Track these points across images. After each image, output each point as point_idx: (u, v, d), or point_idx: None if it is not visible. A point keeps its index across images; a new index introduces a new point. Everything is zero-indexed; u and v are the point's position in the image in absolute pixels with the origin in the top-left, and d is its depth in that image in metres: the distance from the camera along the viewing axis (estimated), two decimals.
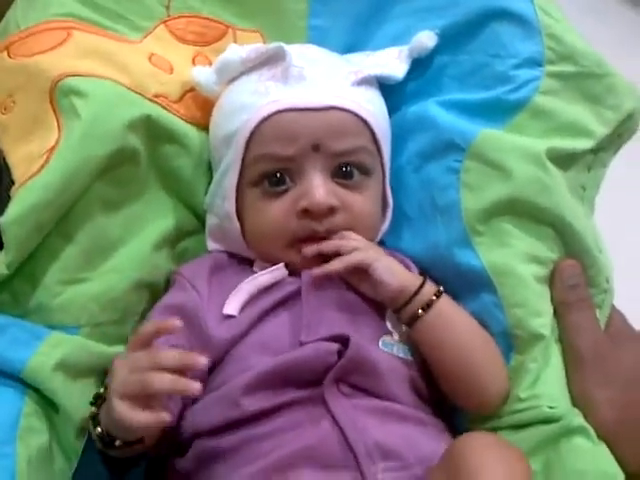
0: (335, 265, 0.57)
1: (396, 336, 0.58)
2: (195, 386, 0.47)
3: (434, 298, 0.57)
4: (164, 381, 0.47)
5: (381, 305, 0.59)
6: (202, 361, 0.48)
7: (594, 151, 0.64)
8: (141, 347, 0.50)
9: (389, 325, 0.59)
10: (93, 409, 0.51)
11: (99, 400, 0.52)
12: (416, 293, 0.57)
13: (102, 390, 0.52)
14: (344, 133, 0.60)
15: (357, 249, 0.58)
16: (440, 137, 0.64)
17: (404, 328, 0.58)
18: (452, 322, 0.58)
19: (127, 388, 0.48)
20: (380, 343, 0.57)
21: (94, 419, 0.51)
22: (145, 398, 0.48)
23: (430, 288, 0.58)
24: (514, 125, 0.63)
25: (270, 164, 0.60)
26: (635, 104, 0.65)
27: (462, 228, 0.61)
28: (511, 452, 0.49)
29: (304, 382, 0.53)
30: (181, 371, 0.48)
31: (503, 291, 0.59)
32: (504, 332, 0.59)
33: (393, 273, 0.58)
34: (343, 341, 0.54)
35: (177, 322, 0.49)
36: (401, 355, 0.57)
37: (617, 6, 1.50)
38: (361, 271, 0.57)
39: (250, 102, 0.60)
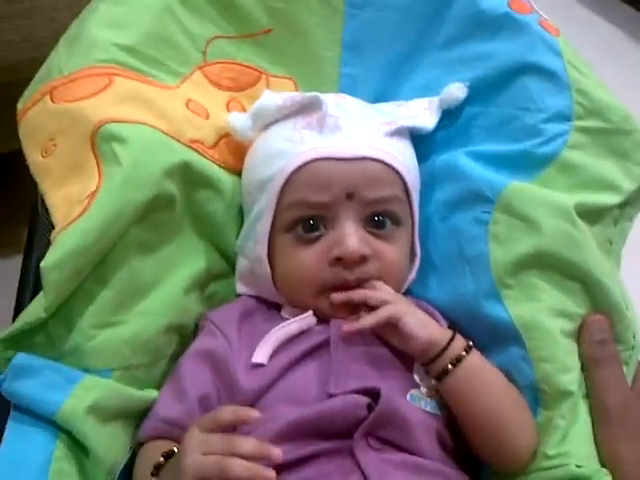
0: (367, 321, 0.57)
1: (424, 390, 0.58)
2: (270, 474, 0.47)
3: (464, 353, 0.57)
4: (242, 468, 0.47)
5: (409, 358, 0.59)
6: (277, 453, 0.48)
7: (621, 206, 0.65)
8: (215, 430, 0.49)
9: (417, 378, 0.59)
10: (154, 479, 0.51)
11: (159, 469, 0.52)
12: (446, 348, 0.57)
13: (162, 460, 0.52)
14: (377, 183, 0.61)
15: (386, 301, 0.58)
16: (468, 187, 0.65)
17: (432, 382, 0.58)
18: (481, 377, 0.58)
19: (204, 471, 0.47)
20: (408, 397, 0.57)
21: None
22: None
23: (460, 342, 0.58)
24: (542, 178, 0.64)
25: (304, 210, 0.60)
26: None
27: (491, 280, 0.61)
28: None
29: (333, 434, 0.53)
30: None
31: (531, 345, 0.59)
32: (531, 386, 0.59)
33: (423, 327, 0.58)
34: (373, 394, 0.54)
35: (256, 414, 0.49)
36: (429, 409, 0.57)
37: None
38: (391, 324, 0.58)
39: (286, 149, 0.61)
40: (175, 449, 0.52)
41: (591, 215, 0.63)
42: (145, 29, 0.66)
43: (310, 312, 0.61)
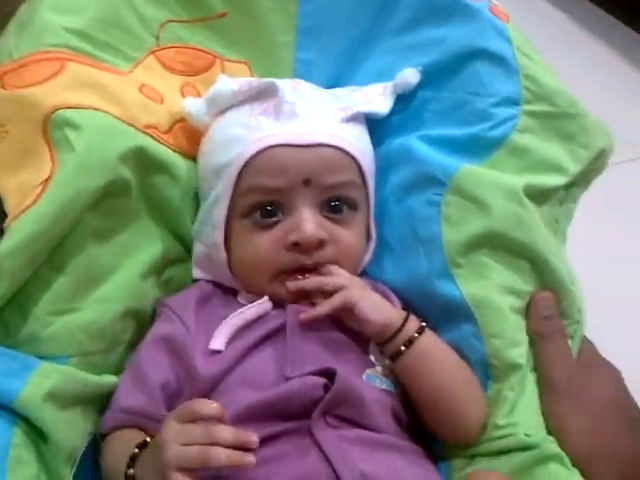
0: (322, 308, 0.59)
1: (379, 369, 0.59)
2: (250, 459, 0.48)
3: (416, 335, 0.59)
4: (224, 456, 0.47)
5: (365, 339, 0.60)
6: (255, 439, 0.49)
7: (567, 187, 0.67)
8: (193, 421, 0.49)
9: (372, 358, 0.60)
10: (131, 471, 0.51)
11: (134, 461, 0.51)
12: (399, 329, 0.59)
13: (136, 451, 0.52)
14: (334, 169, 0.62)
15: (341, 286, 0.60)
16: (422, 171, 0.66)
17: (387, 361, 0.60)
18: (433, 357, 0.59)
19: (187, 461, 0.47)
20: (364, 376, 0.58)
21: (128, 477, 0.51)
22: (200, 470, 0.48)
23: (413, 324, 0.60)
24: (492, 161, 0.65)
25: (262, 196, 0.61)
26: (606, 143, 0.68)
27: (443, 260, 0.63)
28: None
29: (292, 415, 0.54)
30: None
31: (482, 321, 0.61)
32: (482, 361, 0.61)
33: (378, 310, 0.59)
34: (329, 375, 0.56)
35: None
36: (384, 387, 0.59)
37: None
38: (347, 309, 0.59)
39: (242, 135, 0.62)
40: (147, 439, 0.52)
41: (539, 196, 0.65)
42: (96, 13, 0.65)
43: (266, 297, 0.61)
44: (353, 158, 0.63)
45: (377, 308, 0.59)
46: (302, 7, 0.72)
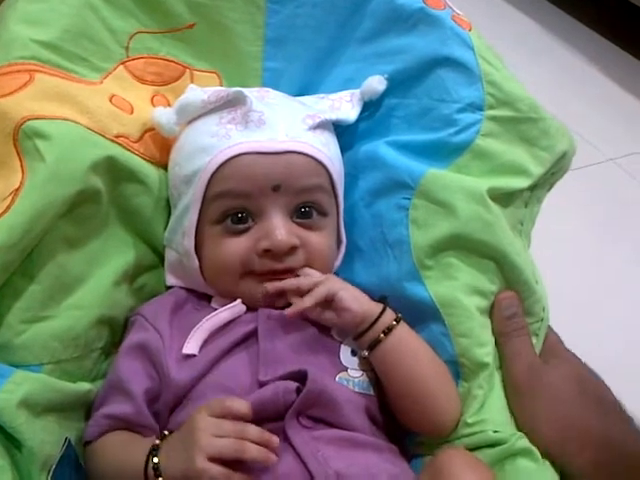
0: (306, 301, 0.60)
1: (351, 372, 0.61)
2: (274, 457, 0.52)
3: (394, 323, 0.60)
4: (256, 450, 0.51)
5: (335, 342, 0.62)
6: (276, 439, 0.53)
7: (531, 189, 0.69)
8: (226, 417, 0.52)
9: (344, 362, 0.61)
10: (155, 459, 0.52)
11: (157, 450, 0.53)
12: (377, 318, 0.60)
13: (158, 442, 0.54)
14: (303, 175, 0.63)
15: (318, 283, 0.61)
16: (389, 176, 0.68)
17: (359, 364, 0.61)
18: (410, 347, 0.61)
19: (217, 450, 0.50)
20: (337, 379, 0.59)
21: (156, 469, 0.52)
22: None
23: (390, 314, 0.61)
24: (457, 165, 0.67)
25: (232, 202, 0.62)
26: (567, 146, 0.71)
27: (412, 263, 0.65)
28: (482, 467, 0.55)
29: (265, 418, 0.55)
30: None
31: (450, 322, 0.63)
32: (452, 360, 0.63)
33: (357, 300, 0.61)
34: (301, 378, 0.57)
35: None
36: (357, 390, 0.60)
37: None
38: (324, 302, 0.60)
39: (211, 144, 0.63)
40: (165, 432, 0.55)
41: (503, 198, 0.67)
42: (65, 25, 0.65)
43: (239, 301, 0.62)
44: (322, 164, 0.64)
45: (356, 298, 0.61)
46: (269, 18, 0.73)
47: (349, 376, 0.60)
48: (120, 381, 0.59)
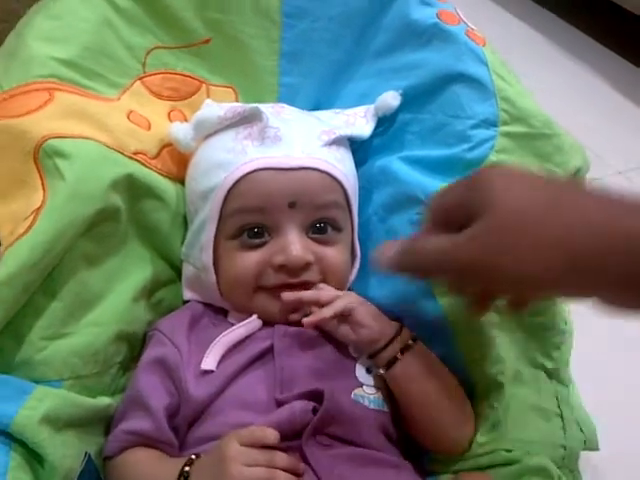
0: (325, 312, 0.60)
1: (367, 389, 0.61)
2: None
3: (411, 342, 0.61)
4: (283, 477, 0.52)
5: (350, 359, 0.62)
6: (303, 467, 0.54)
7: None
8: (255, 446, 0.53)
9: (359, 378, 0.62)
10: None
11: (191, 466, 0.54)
12: (394, 337, 0.61)
13: (187, 469, 0.54)
14: (318, 191, 0.63)
15: (337, 296, 0.62)
16: (403, 191, 0.69)
17: (373, 381, 0.61)
18: (426, 366, 0.61)
19: (249, 479, 0.51)
20: (352, 396, 0.60)
21: None
22: None
23: (407, 333, 0.62)
24: None
25: (249, 217, 0.63)
26: (581, 162, 0.70)
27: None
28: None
29: (283, 437, 0.55)
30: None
31: (462, 339, 0.63)
32: (463, 378, 0.63)
33: (374, 317, 0.62)
34: (317, 396, 0.57)
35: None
36: (372, 407, 0.60)
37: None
38: (341, 317, 0.61)
39: (228, 160, 0.63)
40: (193, 457, 0.54)
41: None
42: (84, 42, 0.66)
43: (255, 316, 0.63)
44: (337, 180, 0.65)
45: (374, 316, 0.62)
46: (285, 33, 0.74)
47: (364, 392, 0.61)
48: (140, 397, 0.60)
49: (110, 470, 0.59)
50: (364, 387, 0.61)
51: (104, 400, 0.61)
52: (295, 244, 0.61)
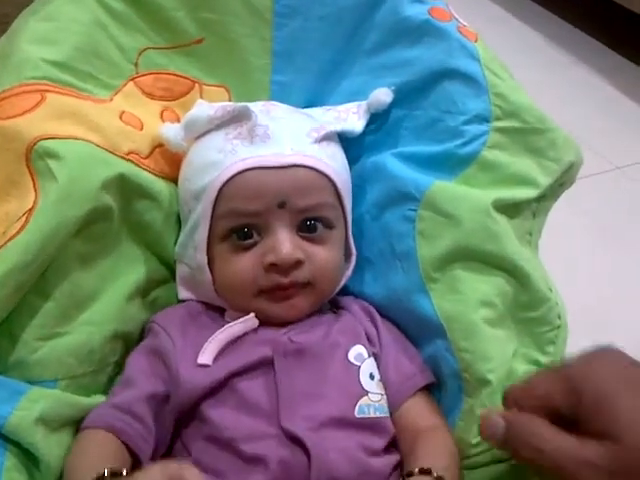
0: None
1: (372, 396, 0.60)
2: None
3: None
4: None
5: (354, 367, 0.61)
6: None
7: (538, 199, 0.69)
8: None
9: (365, 385, 0.60)
10: None
11: None
12: None
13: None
14: (308, 190, 0.63)
15: None
16: (396, 187, 0.68)
17: (376, 386, 0.61)
18: None
19: None
20: (356, 410, 0.58)
21: None
22: None
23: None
24: (464, 177, 0.67)
25: (238, 219, 0.63)
26: (574, 157, 0.70)
27: (419, 275, 0.65)
28: None
29: None
30: None
31: (453, 336, 0.62)
32: (455, 375, 0.62)
33: None
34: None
35: None
36: (378, 414, 0.59)
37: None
38: None
39: (218, 160, 0.63)
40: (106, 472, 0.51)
41: (510, 209, 0.67)
42: (75, 43, 0.66)
43: (252, 314, 0.63)
44: (328, 178, 0.64)
45: None
46: (277, 31, 0.74)
47: (370, 401, 0.60)
48: (128, 377, 0.60)
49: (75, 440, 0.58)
50: (369, 395, 0.60)
51: (99, 399, 0.61)
52: (285, 242, 0.61)
